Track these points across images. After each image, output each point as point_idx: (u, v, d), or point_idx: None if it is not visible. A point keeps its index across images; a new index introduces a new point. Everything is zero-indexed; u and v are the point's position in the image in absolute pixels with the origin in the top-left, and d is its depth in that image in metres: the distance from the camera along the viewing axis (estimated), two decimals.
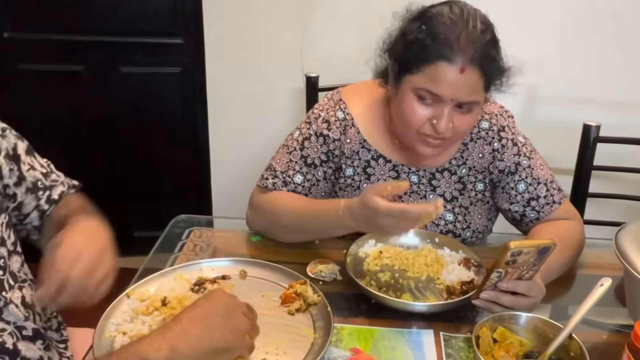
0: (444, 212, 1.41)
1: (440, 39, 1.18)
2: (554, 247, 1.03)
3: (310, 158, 1.40)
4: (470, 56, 1.17)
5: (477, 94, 1.22)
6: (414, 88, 1.22)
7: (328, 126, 1.40)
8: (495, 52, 1.22)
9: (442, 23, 1.19)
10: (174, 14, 2.46)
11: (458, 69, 1.17)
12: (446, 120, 1.21)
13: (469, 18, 1.20)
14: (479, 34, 1.18)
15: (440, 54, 1.17)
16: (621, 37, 2.24)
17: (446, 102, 1.20)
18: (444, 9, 1.22)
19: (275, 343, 1.03)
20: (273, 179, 1.39)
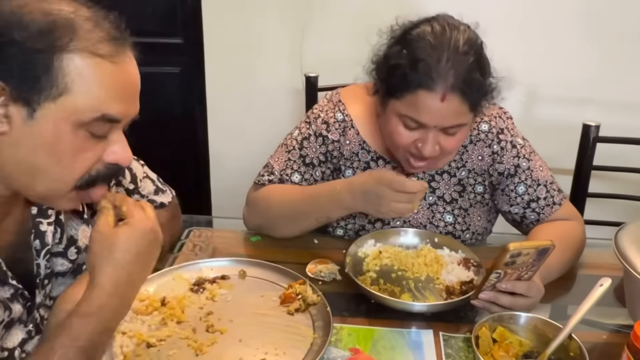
0: (444, 214, 1.41)
1: (419, 67, 1.16)
2: (553, 248, 1.04)
3: (309, 158, 1.40)
4: (450, 84, 1.15)
5: (461, 117, 1.20)
6: (398, 114, 1.22)
7: (327, 127, 1.40)
8: (478, 74, 1.19)
9: (421, 48, 1.17)
10: (174, 14, 2.46)
11: (439, 97, 1.15)
12: (431, 144, 1.21)
13: (450, 39, 1.17)
14: (461, 58, 1.16)
15: (419, 82, 1.16)
16: (621, 37, 2.24)
17: (429, 128, 1.20)
18: (426, 30, 1.19)
19: (274, 343, 1.03)
20: (269, 176, 1.40)
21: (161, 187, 1.24)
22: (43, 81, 0.76)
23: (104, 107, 0.80)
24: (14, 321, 0.90)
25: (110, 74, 0.80)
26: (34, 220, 0.94)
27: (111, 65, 0.80)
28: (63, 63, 0.76)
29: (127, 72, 0.83)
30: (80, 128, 0.79)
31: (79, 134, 0.79)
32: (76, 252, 1.01)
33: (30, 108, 0.76)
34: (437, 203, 1.41)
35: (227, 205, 2.64)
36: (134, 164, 1.20)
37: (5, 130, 0.77)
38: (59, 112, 0.77)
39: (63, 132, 0.78)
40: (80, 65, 0.77)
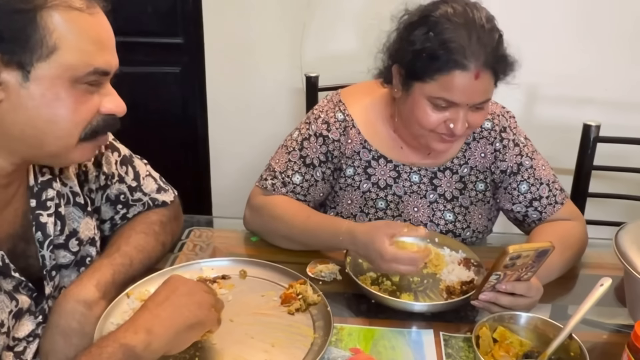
0: (445, 212, 1.41)
1: (451, 48, 1.16)
2: (552, 250, 1.04)
3: (309, 158, 1.40)
4: (483, 61, 1.17)
5: (490, 92, 1.23)
6: (427, 96, 1.22)
7: (328, 127, 1.40)
8: (504, 50, 1.22)
9: (449, 29, 1.17)
10: (174, 14, 2.46)
11: (472, 76, 1.17)
12: (462, 122, 1.22)
13: (474, 18, 1.18)
14: (488, 35, 1.18)
15: (454, 63, 1.16)
16: (621, 37, 2.24)
17: (461, 106, 1.21)
18: (447, 11, 1.20)
19: (275, 343, 1.03)
20: (272, 180, 1.39)
21: (163, 187, 1.25)
22: (32, 41, 0.78)
23: (93, 61, 0.83)
24: (23, 312, 0.91)
25: (90, 27, 0.83)
26: (34, 213, 0.95)
27: (89, 17, 0.83)
28: (46, 20, 0.79)
29: (103, 24, 0.86)
30: (75, 83, 0.82)
31: (75, 88, 0.83)
32: (77, 243, 1.02)
33: (24, 70, 0.79)
34: (437, 201, 1.41)
35: (227, 205, 2.65)
36: (137, 162, 1.20)
37: (1, 97, 0.79)
38: (53, 70, 0.80)
39: (60, 89, 0.81)
40: (62, 21, 0.80)
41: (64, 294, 0.95)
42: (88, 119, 0.86)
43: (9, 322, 0.89)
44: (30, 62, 0.78)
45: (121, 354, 0.82)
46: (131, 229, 1.14)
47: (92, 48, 0.83)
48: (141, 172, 1.20)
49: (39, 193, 0.96)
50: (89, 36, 0.82)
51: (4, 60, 0.78)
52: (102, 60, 0.84)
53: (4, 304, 0.88)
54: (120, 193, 1.15)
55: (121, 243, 1.08)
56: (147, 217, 1.19)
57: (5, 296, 0.88)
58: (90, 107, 0.86)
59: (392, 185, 1.41)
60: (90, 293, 0.95)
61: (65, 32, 0.80)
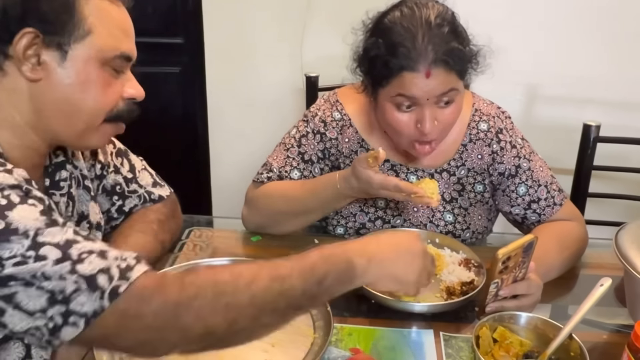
0: (444, 213, 1.41)
1: (398, 52, 1.17)
2: (536, 241, 1.05)
3: (308, 154, 1.40)
4: (431, 58, 1.16)
5: (450, 85, 1.21)
6: (389, 99, 1.23)
7: (325, 125, 1.40)
8: (457, 42, 1.20)
9: (396, 33, 1.18)
10: (174, 14, 2.46)
11: (423, 75, 1.17)
12: (429, 120, 1.21)
13: (421, 17, 1.19)
14: (435, 31, 1.17)
15: (401, 66, 1.17)
16: (621, 37, 2.24)
17: (424, 103, 1.21)
18: (396, 15, 1.21)
19: (275, 342, 1.03)
20: (268, 174, 1.40)
21: (159, 182, 1.26)
22: (69, 24, 0.87)
23: (121, 46, 0.92)
24: None
25: (118, 16, 0.93)
26: (47, 192, 0.97)
27: (117, 8, 0.93)
28: (82, 6, 0.88)
29: (127, 15, 0.96)
30: (104, 65, 0.91)
31: (104, 70, 0.91)
32: (88, 227, 1.04)
33: (62, 51, 0.87)
34: None
35: (227, 205, 2.64)
36: (133, 157, 1.21)
37: (41, 76, 0.87)
38: (86, 51, 0.88)
39: (92, 69, 0.90)
40: (95, 9, 0.89)
41: None
42: (114, 101, 0.94)
43: None
44: (68, 43, 0.87)
45: (344, 267, 0.87)
46: (129, 227, 1.14)
47: (119, 34, 0.92)
48: (137, 165, 1.21)
49: (53, 173, 0.99)
50: (116, 24, 0.92)
51: (45, 42, 0.85)
52: (127, 47, 0.93)
53: None
54: (116, 184, 1.16)
55: (120, 243, 1.09)
56: (145, 216, 1.19)
57: None
58: (115, 90, 0.94)
59: None
60: None
61: (97, 18, 0.89)
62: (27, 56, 0.85)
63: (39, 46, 0.85)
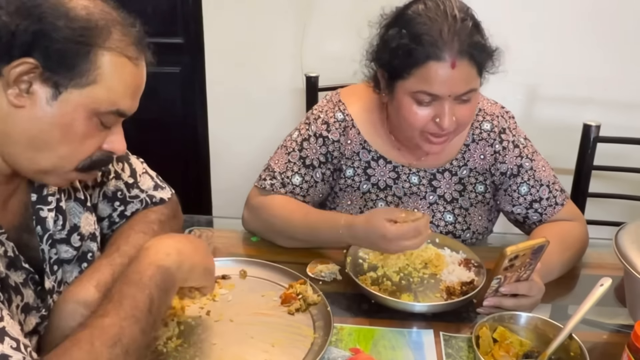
0: (444, 213, 1.41)
1: (424, 40, 1.17)
2: (547, 245, 1.05)
3: (309, 159, 1.39)
4: (457, 49, 1.16)
5: (472, 82, 1.21)
6: (409, 92, 1.22)
7: (327, 127, 1.39)
8: (480, 37, 1.21)
9: (421, 23, 1.19)
10: (174, 14, 2.46)
11: (449, 65, 1.17)
12: (449, 116, 1.21)
13: (445, 10, 1.19)
14: (460, 24, 1.18)
15: (428, 54, 1.17)
16: (621, 37, 2.24)
17: (444, 98, 1.20)
18: (419, 7, 1.21)
19: (275, 343, 1.03)
20: (271, 180, 1.39)
21: (160, 184, 1.25)
22: (77, 70, 0.83)
23: (119, 103, 0.88)
24: (30, 306, 0.91)
25: (131, 74, 0.89)
26: (34, 207, 0.96)
27: (133, 67, 0.89)
28: (98, 57, 0.85)
29: (142, 75, 0.93)
30: (94, 116, 0.87)
31: (91, 121, 0.87)
32: (79, 239, 1.03)
33: (56, 90, 0.83)
34: (437, 202, 1.41)
35: (227, 205, 2.64)
36: (134, 160, 1.21)
37: (24, 104, 0.83)
38: (81, 99, 0.85)
39: (79, 117, 0.86)
40: (110, 62, 0.86)
41: (64, 295, 0.96)
42: (90, 151, 0.90)
43: (19, 316, 0.89)
44: (65, 86, 0.83)
45: (160, 275, 0.89)
46: (130, 228, 1.14)
47: (123, 92, 0.89)
48: (137, 169, 1.21)
49: (40, 187, 0.97)
50: (126, 82, 0.89)
51: (43, 76, 0.82)
52: (126, 105, 0.90)
53: (12, 297, 0.88)
54: (117, 190, 1.16)
55: (120, 243, 1.08)
56: (146, 217, 1.19)
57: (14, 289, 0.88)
58: (95, 141, 0.90)
59: (392, 186, 1.41)
60: (89, 293, 0.95)
61: (107, 72, 0.86)
62: (18, 82, 0.81)
63: (34, 76, 0.82)
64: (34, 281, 0.93)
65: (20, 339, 0.78)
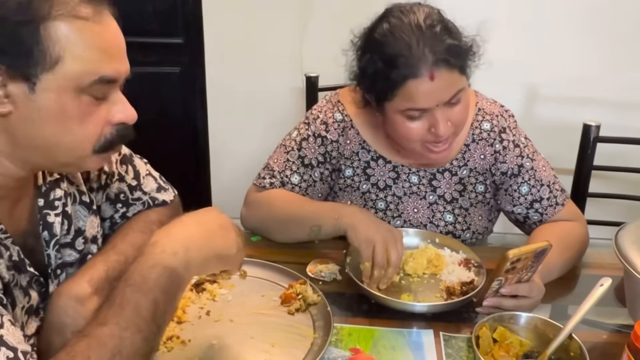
0: (444, 213, 1.41)
1: (397, 62, 1.16)
2: (550, 248, 1.04)
3: (308, 159, 1.40)
4: (431, 60, 1.15)
5: (456, 85, 1.21)
6: (398, 111, 1.22)
7: (326, 128, 1.40)
8: (452, 39, 1.19)
9: (389, 44, 1.18)
10: (174, 14, 2.46)
11: (427, 79, 1.16)
12: (442, 123, 1.21)
13: (410, 23, 1.18)
14: (429, 33, 1.17)
15: (404, 75, 1.16)
16: (621, 37, 2.24)
17: (433, 108, 1.20)
18: (384, 27, 1.20)
19: (275, 343, 1.03)
20: (270, 179, 1.40)
21: (163, 186, 1.25)
22: (35, 53, 0.77)
23: (99, 69, 0.81)
24: (33, 309, 0.91)
25: (96, 35, 0.81)
26: (41, 212, 0.95)
27: (95, 26, 0.81)
28: (50, 31, 0.77)
29: (111, 31, 0.84)
30: (81, 93, 0.81)
31: (81, 99, 0.81)
32: (83, 242, 1.03)
33: (30, 82, 0.78)
34: (437, 202, 1.41)
35: (227, 205, 2.63)
36: (137, 161, 1.20)
37: (10, 110, 0.79)
38: (58, 81, 0.79)
39: (66, 100, 0.80)
40: (66, 31, 0.78)
41: (57, 291, 0.95)
42: (98, 130, 0.85)
43: (23, 318, 0.89)
44: (35, 74, 0.77)
45: (166, 277, 0.82)
46: (129, 227, 1.14)
47: (97, 56, 0.81)
48: (141, 171, 1.20)
49: (47, 192, 0.96)
50: (94, 45, 0.81)
51: (9, 73, 0.77)
52: (109, 69, 0.82)
53: (18, 300, 0.88)
54: (120, 192, 1.15)
55: (117, 241, 1.08)
56: (147, 216, 1.19)
57: (19, 291, 0.88)
58: (98, 118, 0.84)
59: (392, 186, 1.41)
60: (82, 289, 0.95)
61: (69, 42, 0.78)
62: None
63: (3, 78, 0.76)
64: (38, 283, 0.93)
65: (19, 348, 0.74)
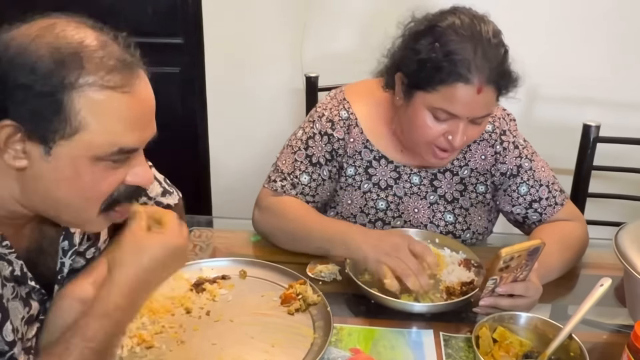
0: (445, 213, 1.41)
1: (456, 60, 1.15)
2: (543, 247, 1.05)
3: (315, 157, 1.39)
4: (486, 76, 1.16)
5: (491, 107, 1.23)
6: (429, 106, 1.21)
7: (332, 125, 1.39)
8: (508, 66, 1.21)
9: (455, 41, 1.17)
10: (174, 14, 2.45)
11: (475, 90, 1.16)
12: (461, 135, 1.21)
13: (480, 32, 1.17)
14: (493, 50, 1.17)
15: (457, 75, 1.16)
16: (621, 37, 2.24)
17: (462, 119, 1.20)
18: (455, 22, 1.19)
19: (275, 343, 1.03)
20: (282, 182, 1.38)
21: (168, 189, 1.24)
22: (55, 122, 0.75)
23: (120, 141, 0.79)
24: (33, 318, 0.91)
25: (123, 105, 0.78)
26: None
27: (123, 96, 0.78)
28: (74, 101, 0.75)
29: (140, 100, 0.81)
30: (98, 161, 0.79)
31: (98, 166, 0.79)
32: (94, 252, 1.03)
33: (46, 146, 0.76)
34: (437, 202, 1.41)
35: (227, 205, 2.65)
36: None
37: (24, 165, 0.78)
38: (75, 150, 0.77)
39: (81, 167, 0.78)
40: (91, 101, 0.75)
41: (62, 292, 0.95)
42: (109, 192, 0.83)
43: (22, 329, 0.89)
44: (52, 140, 0.76)
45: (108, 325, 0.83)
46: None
47: (120, 128, 0.78)
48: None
49: None
50: (120, 117, 0.78)
51: (28, 135, 0.76)
52: (130, 139, 0.80)
53: (17, 311, 0.88)
54: None
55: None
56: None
57: (19, 302, 0.88)
58: (113, 181, 0.83)
59: (393, 186, 1.41)
60: (86, 291, 0.95)
61: (91, 113, 0.76)
62: (9, 144, 0.76)
63: (22, 136, 0.76)
64: (39, 293, 0.93)
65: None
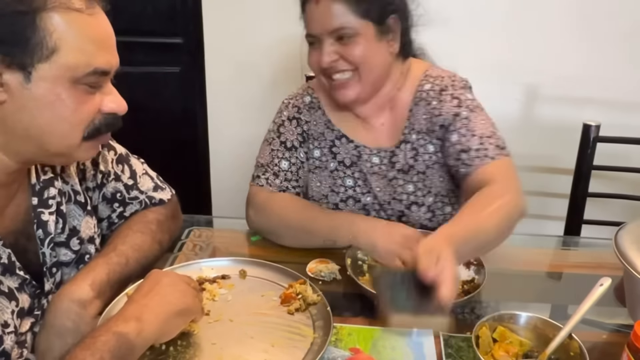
0: (404, 185, 1.41)
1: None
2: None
3: (289, 142, 1.44)
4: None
5: (342, 18, 1.26)
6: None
7: (298, 110, 1.46)
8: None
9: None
10: (174, 14, 2.46)
11: (314, 2, 1.26)
12: (326, 53, 1.29)
13: None
14: None
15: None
16: (621, 37, 2.24)
17: (323, 39, 1.29)
18: None
19: (274, 342, 1.03)
20: (264, 175, 1.42)
21: (160, 185, 1.25)
22: (32, 43, 0.79)
23: (93, 61, 0.84)
24: (25, 311, 0.91)
25: (90, 27, 0.84)
26: (35, 211, 0.96)
27: (89, 18, 0.84)
28: (46, 22, 0.79)
29: (102, 24, 0.87)
30: (76, 83, 0.83)
31: (76, 88, 0.84)
32: (79, 242, 1.03)
33: (25, 72, 0.80)
34: (396, 177, 1.41)
35: (227, 205, 2.65)
36: (134, 161, 1.21)
37: (4, 99, 0.81)
38: (53, 71, 0.81)
39: (61, 90, 0.82)
40: (61, 22, 0.81)
41: (59, 293, 0.96)
42: (89, 118, 0.87)
43: (15, 322, 0.89)
44: (31, 64, 0.80)
45: (114, 341, 0.83)
46: (128, 228, 1.14)
47: (91, 48, 0.84)
48: (137, 170, 1.21)
49: (41, 191, 0.96)
50: (88, 36, 0.83)
51: (6, 62, 0.79)
52: (102, 60, 0.85)
53: (3, 305, 0.88)
54: (116, 191, 1.16)
55: (117, 242, 1.08)
56: (145, 216, 1.19)
57: (3, 298, 0.88)
58: (91, 106, 0.87)
59: (357, 163, 1.43)
60: (84, 292, 0.95)
61: (64, 33, 0.81)
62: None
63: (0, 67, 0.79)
64: (31, 285, 0.93)
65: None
